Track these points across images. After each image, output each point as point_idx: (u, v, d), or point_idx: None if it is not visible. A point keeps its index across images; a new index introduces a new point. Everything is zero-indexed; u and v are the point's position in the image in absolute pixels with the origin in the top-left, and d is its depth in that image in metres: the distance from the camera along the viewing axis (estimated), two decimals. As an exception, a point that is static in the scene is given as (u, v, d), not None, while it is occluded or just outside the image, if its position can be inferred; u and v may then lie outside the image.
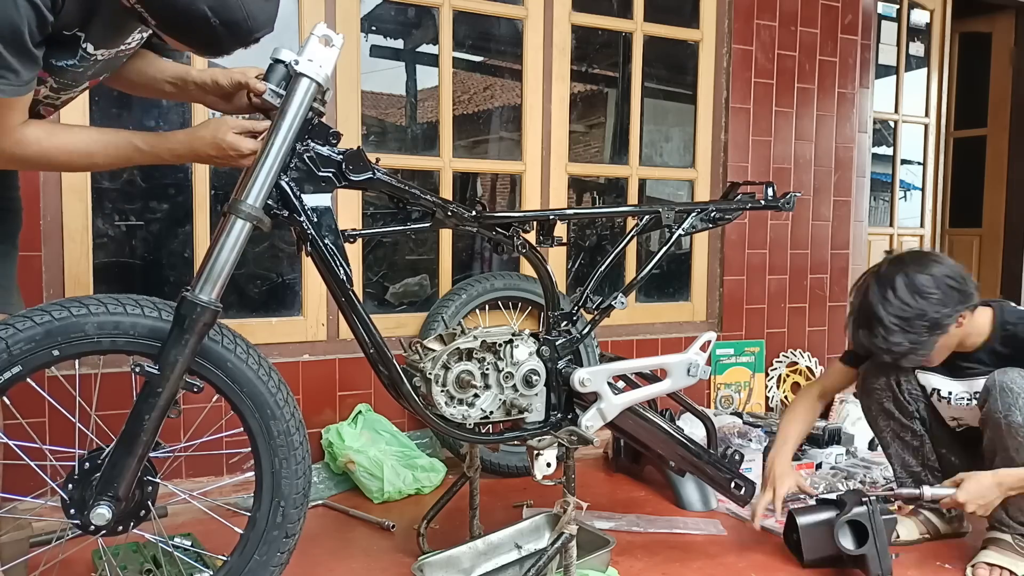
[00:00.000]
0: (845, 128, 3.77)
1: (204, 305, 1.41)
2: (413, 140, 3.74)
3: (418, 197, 1.70)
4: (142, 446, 1.42)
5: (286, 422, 1.55)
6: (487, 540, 1.96)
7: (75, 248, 2.41)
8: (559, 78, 3.13)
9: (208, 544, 1.94)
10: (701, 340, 1.90)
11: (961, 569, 2.03)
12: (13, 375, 1.38)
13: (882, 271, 1.97)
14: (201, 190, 2.59)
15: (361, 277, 2.89)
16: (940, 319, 1.89)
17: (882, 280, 1.94)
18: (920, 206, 5.02)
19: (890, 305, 1.90)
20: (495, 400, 1.78)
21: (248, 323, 2.65)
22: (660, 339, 3.33)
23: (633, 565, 2.04)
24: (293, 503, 1.56)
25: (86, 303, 1.43)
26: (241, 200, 1.45)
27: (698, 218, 2.05)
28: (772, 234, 3.60)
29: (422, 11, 3.30)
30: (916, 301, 1.89)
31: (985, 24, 5.08)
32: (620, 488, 2.66)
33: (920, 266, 1.93)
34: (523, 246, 1.82)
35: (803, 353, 3.67)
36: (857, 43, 3.76)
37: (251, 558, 1.54)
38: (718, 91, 3.48)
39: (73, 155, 1.49)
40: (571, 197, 3.69)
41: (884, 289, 1.92)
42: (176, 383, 1.42)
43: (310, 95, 1.50)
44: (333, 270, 1.58)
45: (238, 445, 1.61)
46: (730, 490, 2.09)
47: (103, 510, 1.41)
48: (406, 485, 2.52)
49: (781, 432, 2.25)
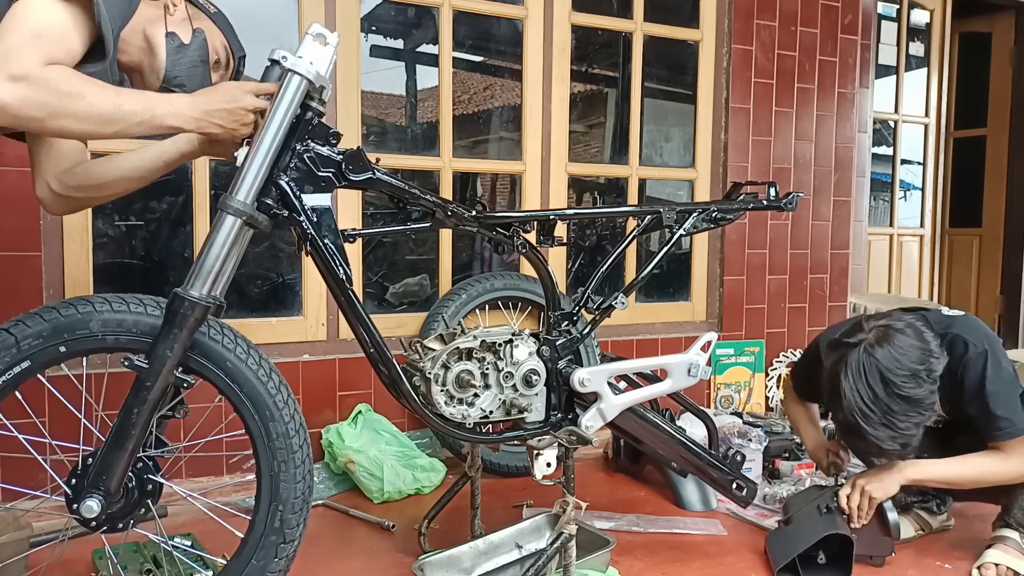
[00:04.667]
0: (845, 128, 3.77)
1: (194, 301, 1.42)
2: (413, 140, 3.74)
3: (418, 197, 1.70)
4: (132, 440, 1.43)
5: (285, 424, 1.54)
6: (487, 540, 1.96)
7: (75, 248, 2.41)
8: (559, 78, 3.13)
9: (208, 544, 1.94)
10: (702, 340, 1.89)
11: (961, 569, 2.03)
12: (23, 370, 1.41)
13: (861, 371, 1.81)
14: (201, 190, 2.59)
15: (361, 277, 2.89)
16: (927, 410, 1.82)
17: (863, 385, 1.80)
18: (920, 206, 5.03)
19: (875, 414, 1.79)
20: (495, 400, 1.78)
21: (248, 323, 2.65)
22: (660, 339, 3.33)
23: (633, 565, 2.04)
24: (292, 508, 1.54)
25: (92, 301, 1.46)
26: (231, 196, 1.46)
27: (699, 218, 2.04)
28: (772, 234, 3.60)
29: (422, 11, 3.30)
30: (904, 406, 1.78)
31: (985, 24, 5.08)
32: (620, 488, 2.66)
33: (893, 360, 1.79)
34: (523, 246, 1.82)
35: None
36: (857, 43, 3.76)
37: (248, 562, 1.53)
38: (718, 91, 3.48)
39: (83, 97, 1.35)
40: (571, 197, 3.69)
41: (867, 397, 1.79)
42: (166, 378, 1.43)
43: (301, 92, 1.50)
44: (333, 270, 1.59)
45: (239, 445, 1.61)
46: (731, 491, 2.09)
47: (92, 503, 1.43)
48: (406, 485, 2.52)
49: (797, 427, 2.38)
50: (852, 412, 1.81)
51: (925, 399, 1.80)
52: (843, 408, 1.83)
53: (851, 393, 1.81)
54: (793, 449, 2.81)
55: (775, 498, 2.44)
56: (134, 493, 1.51)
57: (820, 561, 1.94)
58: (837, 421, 1.92)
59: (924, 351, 1.82)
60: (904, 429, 1.80)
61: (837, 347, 1.89)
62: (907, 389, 1.78)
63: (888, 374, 1.78)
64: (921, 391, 1.79)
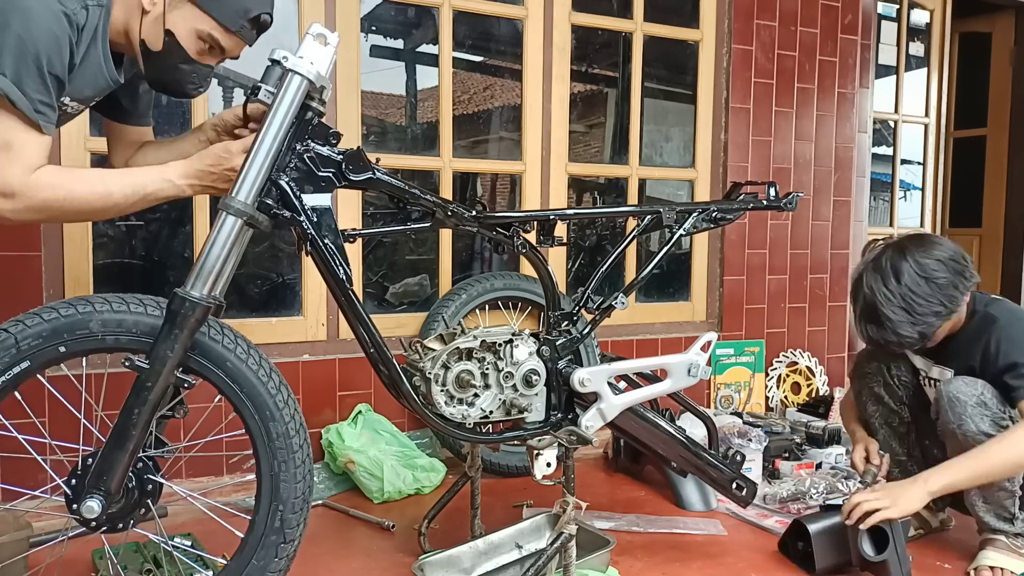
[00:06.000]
0: (845, 128, 3.77)
1: (194, 301, 1.42)
2: (413, 140, 3.74)
3: (418, 197, 1.70)
4: (132, 440, 1.44)
5: (286, 424, 1.54)
6: (487, 540, 1.96)
7: (75, 248, 2.41)
8: (559, 78, 3.13)
9: (208, 545, 1.94)
10: (702, 340, 1.89)
11: (960, 568, 2.03)
12: (23, 370, 1.41)
13: (883, 259, 1.91)
14: (201, 190, 2.59)
15: (361, 277, 2.89)
16: (949, 302, 1.87)
17: (885, 269, 1.89)
18: (920, 206, 5.02)
19: (895, 296, 1.85)
20: (495, 400, 1.78)
21: (248, 323, 2.65)
22: (660, 339, 3.33)
23: (633, 565, 2.04)
24: (292, 508, 1.55)
25: (92, 301, 1.46)
26: (232, 196, 1.46)
27: (699, 218, 2.04)
28: (772, 234, 3.60)
29: (422, 11, 3.30)
30: (926, 287, 1.84)
31: (985, 24, 5.08)
32: (620, 488, 2.66)
33: (924, 250, 1.89)
34: (523, 246, 1.82)
35: (803, 353, 3.67)
36: (857, 43, 3.77)
37: (249, 562, 1.53)
38: (718, 91, 3.48)
39: (93, 192, 1.46)
40: (571, 197, 3.69)
41: (888, 279, 1.87)
42: (167, 378, 1.44)
43: (302, 92, 1.51)
44: (333, 270, 1.59)
45: (239, 445, 1.61)
46: (731, 491, 2.08)
47: (93, 503, 1.43)
48: (406, 485, 2.52)
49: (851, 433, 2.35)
50: (873, 291, 1.85)
51: (948, 286, 1.84)
52: (863, 291, 1.89)
53: (871, 274, 1.88)
54: (793, 449, 2.81)
55: (775, 498, 2.44)
56: (134, 493, 1.51)
57: (870, 557, 1.86)
58: (856, 314, 1.95)
59: (959, 254, 1.88)
60: (923, 315, 1.83)
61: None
62: (931, 268, 1.83)
63: (913, 255, 1.85)
64: (945, 277, 1.83)
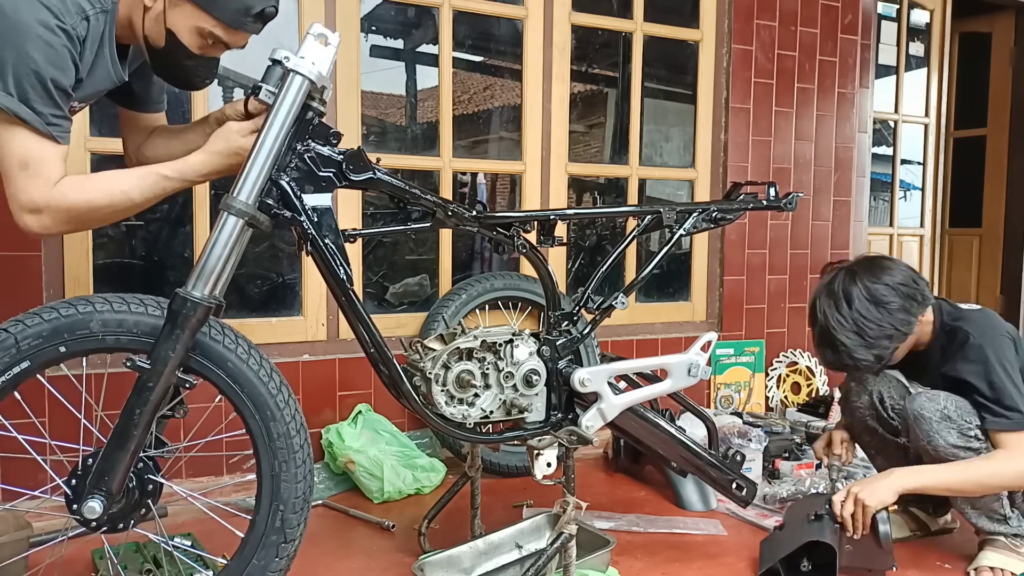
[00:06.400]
0: (845, 128, 3.77)
1: (196, 301, 1.42)
2: (413, 140, 3.74)
3: (418, 197, 1.70)
4: (134, 441, 1.44)
5: (286, 424, 1.54)
6: (487, 540, 1.96)
7: (75, 248, 2.41)
8: (559, 78, 3.13)
9: (208, 544, 1.94)
10: (702, 340, 1.89)
11: (961, 569, 2.03)
12: (23, 370, 1.41)
13: (836, 284, 1.93)
14: (201, 190, 2.59)
15: (361, 277, 2.89)
16: (902, 326, 1.89)
17: (838, 294, 1.91)
18: (920, 206, 5.02)
19: (848, 321, 1.88)
20: (495, 400, 1.78)
21: (248, 323, 2.65)
22: (660, 339, 3.33)
23: (633, 565, 2.04)
24: (292, 508, 1.55)
25: (92, 301, 1.46)
26: (233, 197, 1.46)
27: (700, 218, 2.04)
28: (772, 234, 3.60)
29: (422, 11, 3.30)
30: (876, 312, 1.87)
31: (985, 24, 5.08)
32: (620, 488, 2.66)
33: (873, 275, 1.91)
34: (523, 246, 1.82)
35: (803, 353, 3.67)
36: (857, 43, 3.77)
37: (249, 562, 1.53)
38: (718, 91, 3.48)
39: (113, 194, 1.51)
40: (571, 197, 3.69)
41: (840, 304, 1.90)
42: (168, 378, 1.44)
43: (303, 92, 1.51)
44: (333, 270, 1.59)
45: (239, 445, 1.61)
46: (731, 491, 2.08)
47: (94, 503, 1.43)
48: (406, 485, 2.52)
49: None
50: (826, 316, 1.90)
51: (899, 311, 1.87)
52: (817, 316, 1.93)
53: (825, 299, 1.92)
54: (793, 449, 2.81)
55: (775, 498, 2.44)
56: (134, 493, 1.51)
57: (804, 568, 1.90)
58: (814, 336, 1.98)
59: (909, 277, 1.91)
60: (875, 339, 1.87)
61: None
62: (881, 294, 1.87)
63: (863, 281, 1.89)
64: (895, 301, 1.87)
